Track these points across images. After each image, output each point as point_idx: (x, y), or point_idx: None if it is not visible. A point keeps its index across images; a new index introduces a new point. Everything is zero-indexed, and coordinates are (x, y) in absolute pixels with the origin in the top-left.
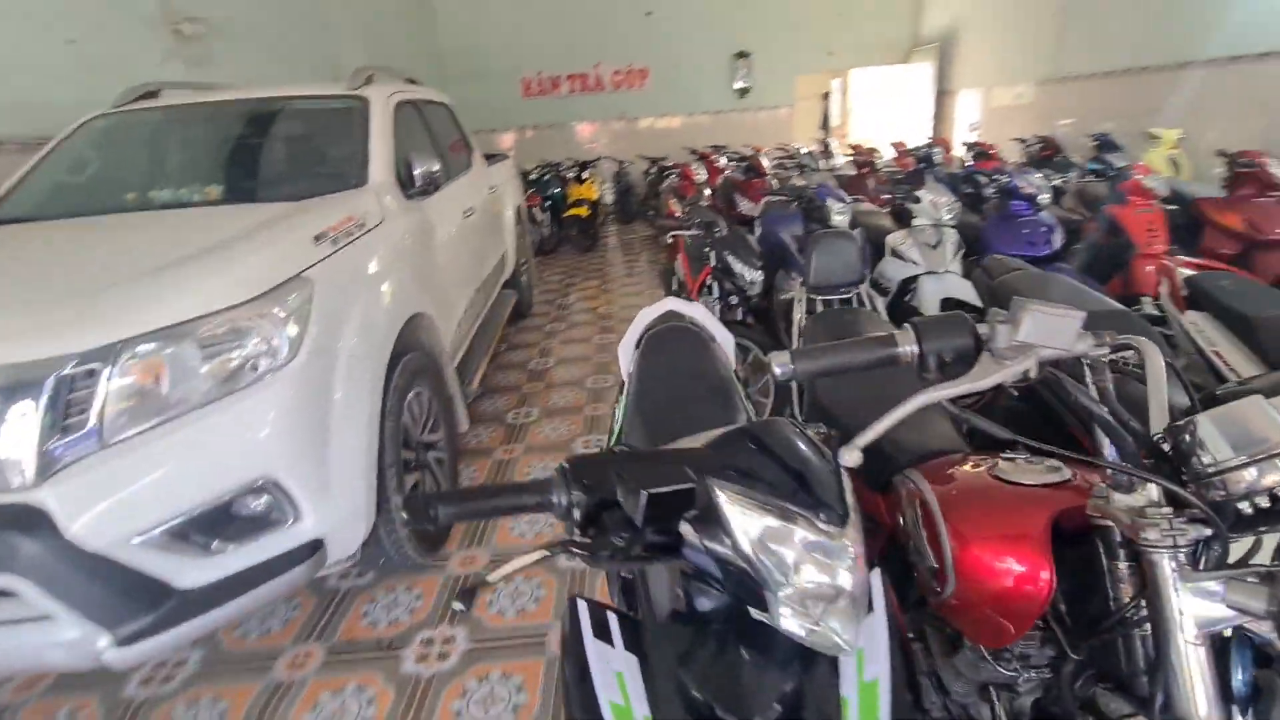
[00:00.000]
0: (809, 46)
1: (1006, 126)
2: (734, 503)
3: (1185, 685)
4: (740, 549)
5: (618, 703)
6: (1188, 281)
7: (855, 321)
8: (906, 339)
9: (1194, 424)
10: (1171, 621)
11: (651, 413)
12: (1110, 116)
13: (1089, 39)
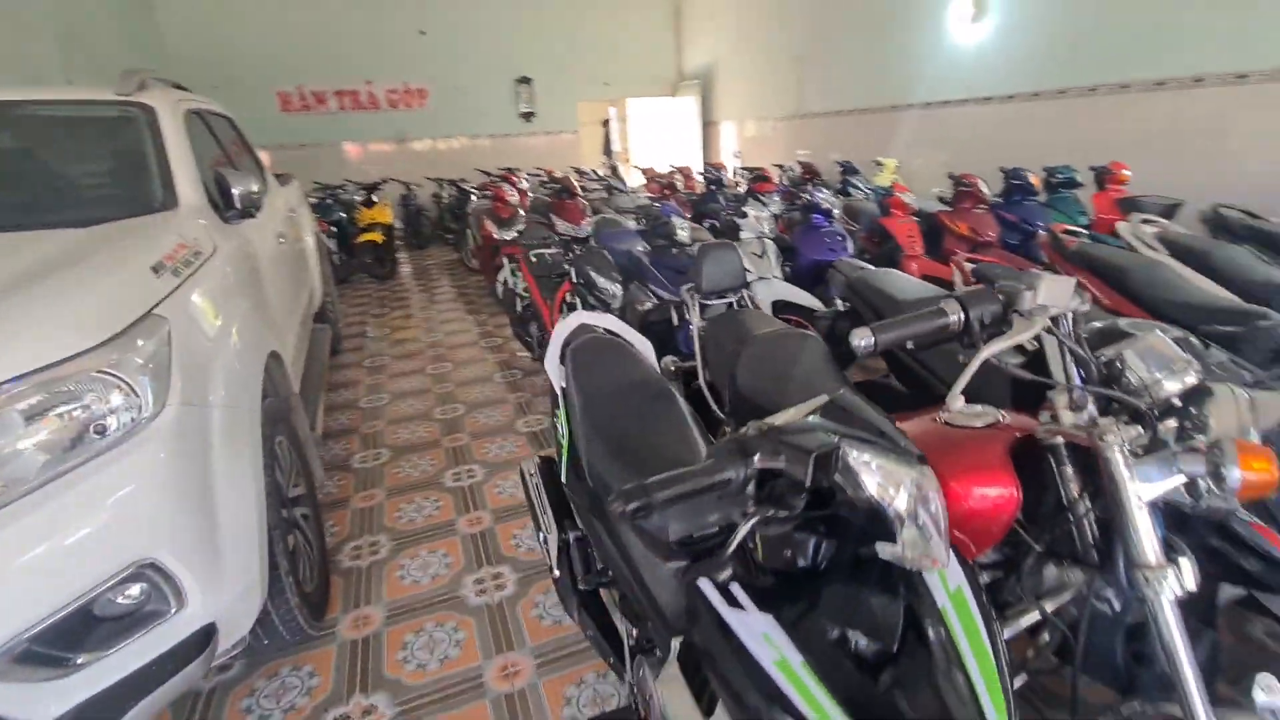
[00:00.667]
0: (587, 76)
1: (762, 153)
2: (863, 458)
3: (1140, 541)
4: (873, 495)
5: (776, 658)
6: (974, 271)
7: (749, 321)
8: (953, 308)
9: (1123, 355)
10: (1127, 495)
11: (606, 421)
12: (843, 147)
13: (822, 84)
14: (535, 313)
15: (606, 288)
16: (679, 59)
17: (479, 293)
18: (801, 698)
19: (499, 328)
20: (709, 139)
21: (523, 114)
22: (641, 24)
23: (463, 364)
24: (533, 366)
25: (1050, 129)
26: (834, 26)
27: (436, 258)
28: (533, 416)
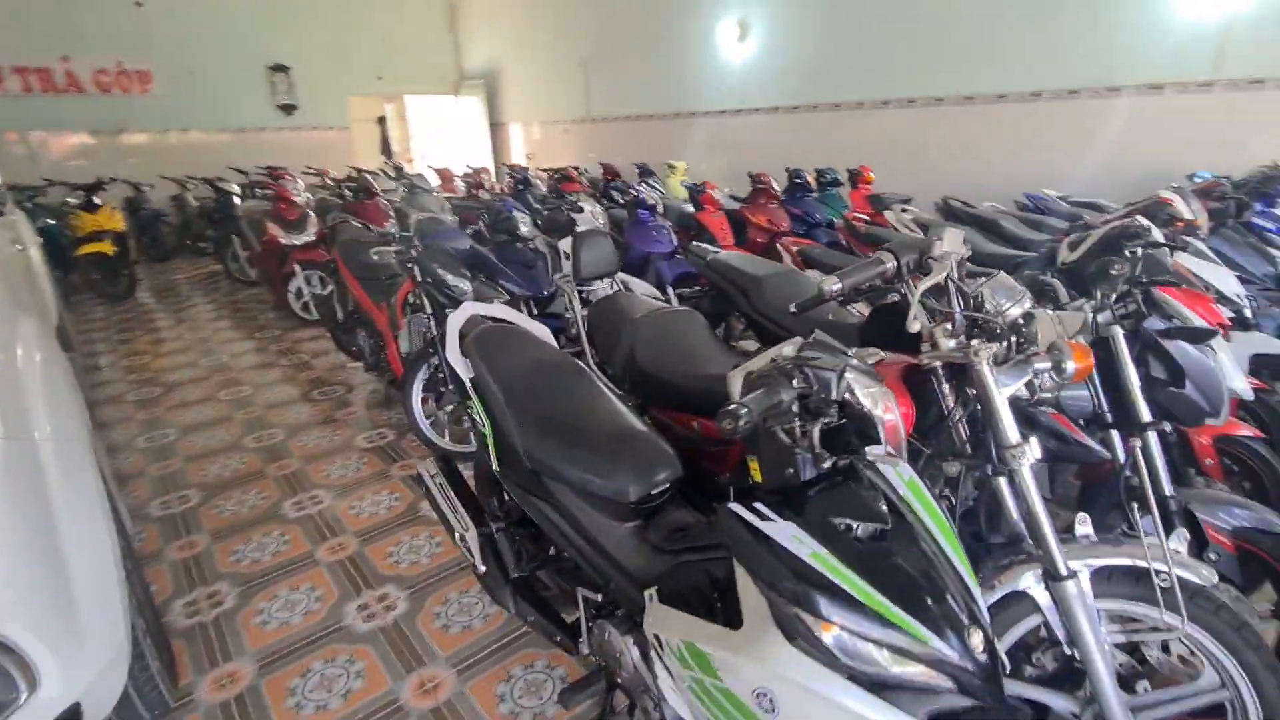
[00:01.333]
0: (358, 68)
1: (552, 156)
2: (859, 378)
3: (1005, 428)
4: (866, 405)
5: (809, 553)
6: (800, 252)
7: (631, 303)
8: (888, 258)
9: (982, 291)
10: (994, 395)
11: (534, 403)
12: (631, 150)
13: (609, 90)
14: (363, 319)
15: (456, 285)
16: (458, 58)
17: (260, 307)
18: (837, 577)
19: (298, 343)
20: (498, 141)
21: (281, 106)
22: (415, 18)
23: (266, 386)
24: (363, 379)
25: (809, 137)
26: (616, 35)
27: (186, 271)
28: (374, 430)
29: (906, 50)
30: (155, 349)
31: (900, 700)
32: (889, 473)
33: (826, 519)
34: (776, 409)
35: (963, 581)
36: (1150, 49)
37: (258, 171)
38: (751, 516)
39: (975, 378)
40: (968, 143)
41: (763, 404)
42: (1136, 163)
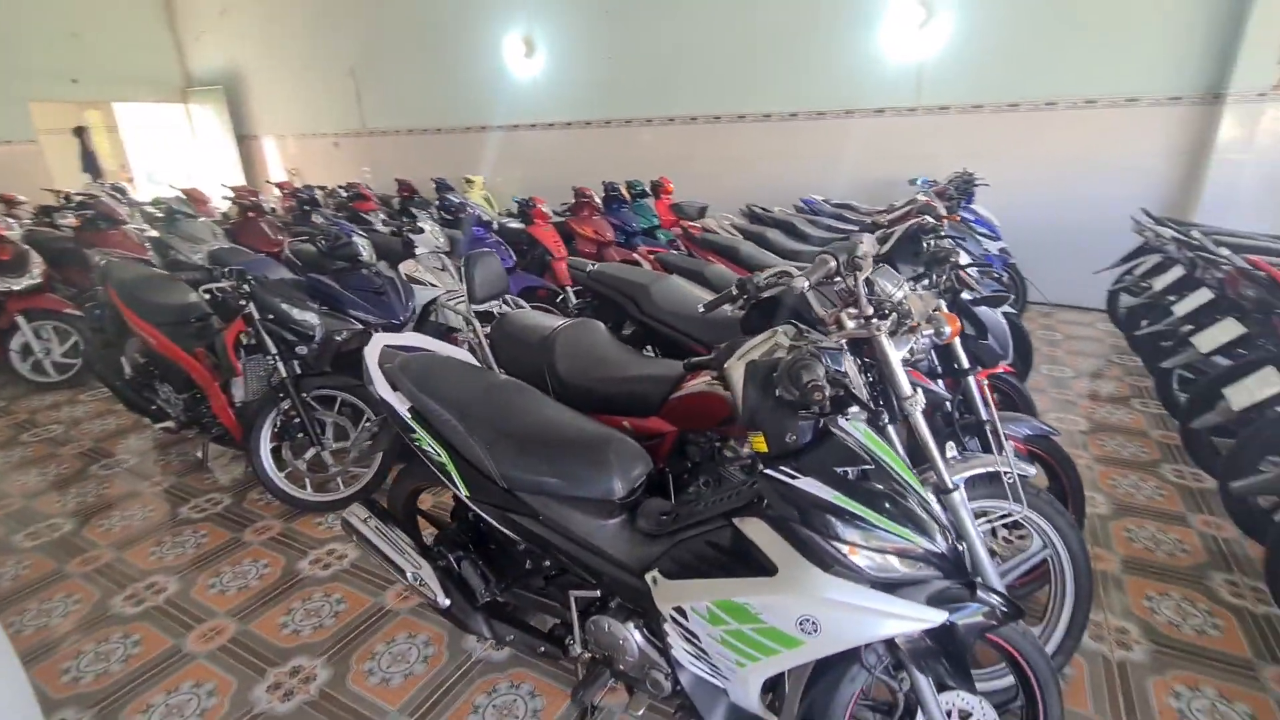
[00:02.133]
0: (42, 69)
1: (322, 172)
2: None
3: (901, 383)
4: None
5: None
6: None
7: (532, 319)
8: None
9: (874, 280)
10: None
11: (497, 422)
12: (418, 165)
13: (387, 102)
14: (168, 370)
15: (304, 319)
16: (183, 60)
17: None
18: (856, 510)
19: (39, 412)
20: (248, 156)
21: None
22: (117, 13)
23: (21, 469)
24: (164, 440)
25: (603, 151)
26: (390, 44)
27: None
28: (202, 498)
29: (687, 73)
30: None
31: (907, 593)
32: (856, 429)
33: (830, 469)
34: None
35: (922, 498)
36: (873, 81)
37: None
38: (787, 479)
39: (876, 348)
40: (744, 156)
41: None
42: (871, 171)
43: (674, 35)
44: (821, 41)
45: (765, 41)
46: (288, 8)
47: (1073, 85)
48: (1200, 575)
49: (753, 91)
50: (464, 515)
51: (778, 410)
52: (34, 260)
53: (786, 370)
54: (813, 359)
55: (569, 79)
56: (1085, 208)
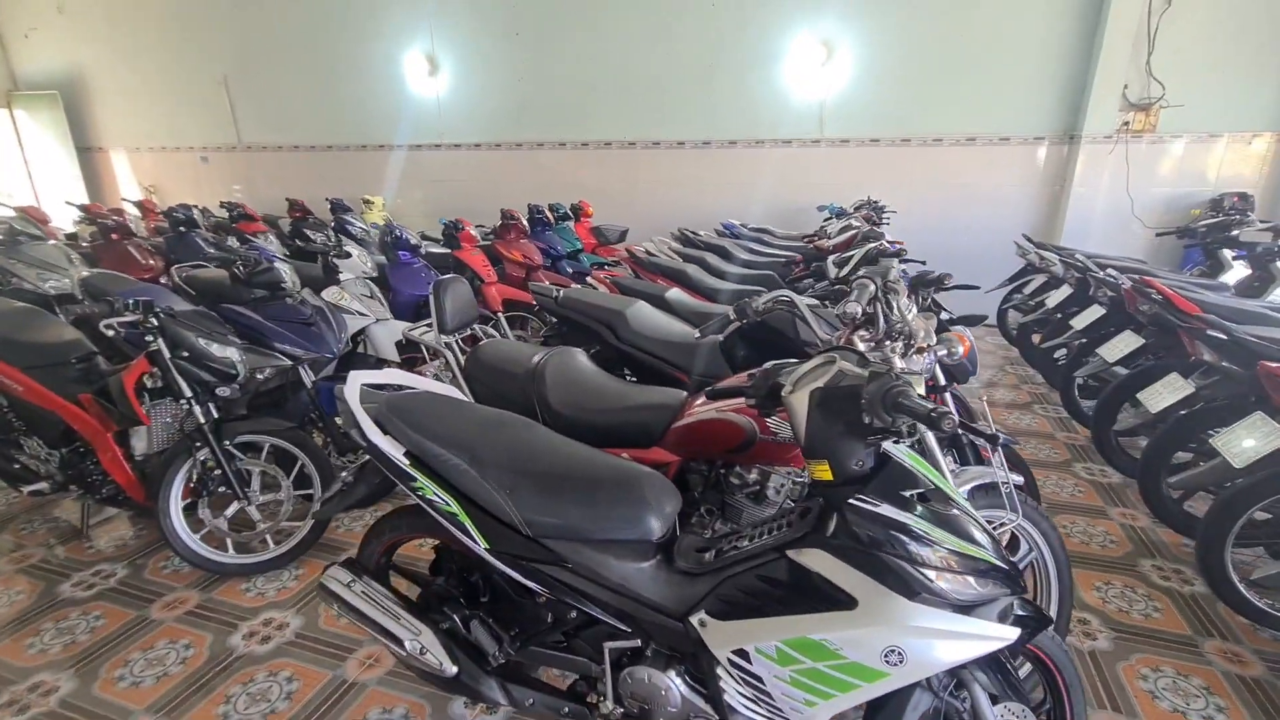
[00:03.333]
0: None
1: (188, 190)
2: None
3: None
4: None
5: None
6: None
7: (511, 349)
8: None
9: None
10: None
11: (514, 466)
12: (306, 185)
13: (265, 115)
14: (40, 423)
15: (225, 356)
16: (7, 58)
17: None
18: (933, 534)
19: None
20: (93, 169)
21: None
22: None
23: None
24: (19, 506)
25: (514, 174)
26: (269, 54)
27: None
28: (90, 571)
29: (601, 98)
30: None
31: (982, 612)
32: (904, 451)
33: (898, 494)
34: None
35: (974, 515)
36: (781, 113)
37: None
38: (869, 505)
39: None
40: (659, 181)
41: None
42: (782, 197)
43: (587, 61)
44: (733, 74)
45: (679, 72)
46: (140, 9)
47: (956, 124)
48: (1132, 563)
49: (667, 119)
50: (452, 568)
51: (845, 437)
52: None
53: (879, 398)
54: (907, 385)
55: (476, 100)
56: (969, 233)
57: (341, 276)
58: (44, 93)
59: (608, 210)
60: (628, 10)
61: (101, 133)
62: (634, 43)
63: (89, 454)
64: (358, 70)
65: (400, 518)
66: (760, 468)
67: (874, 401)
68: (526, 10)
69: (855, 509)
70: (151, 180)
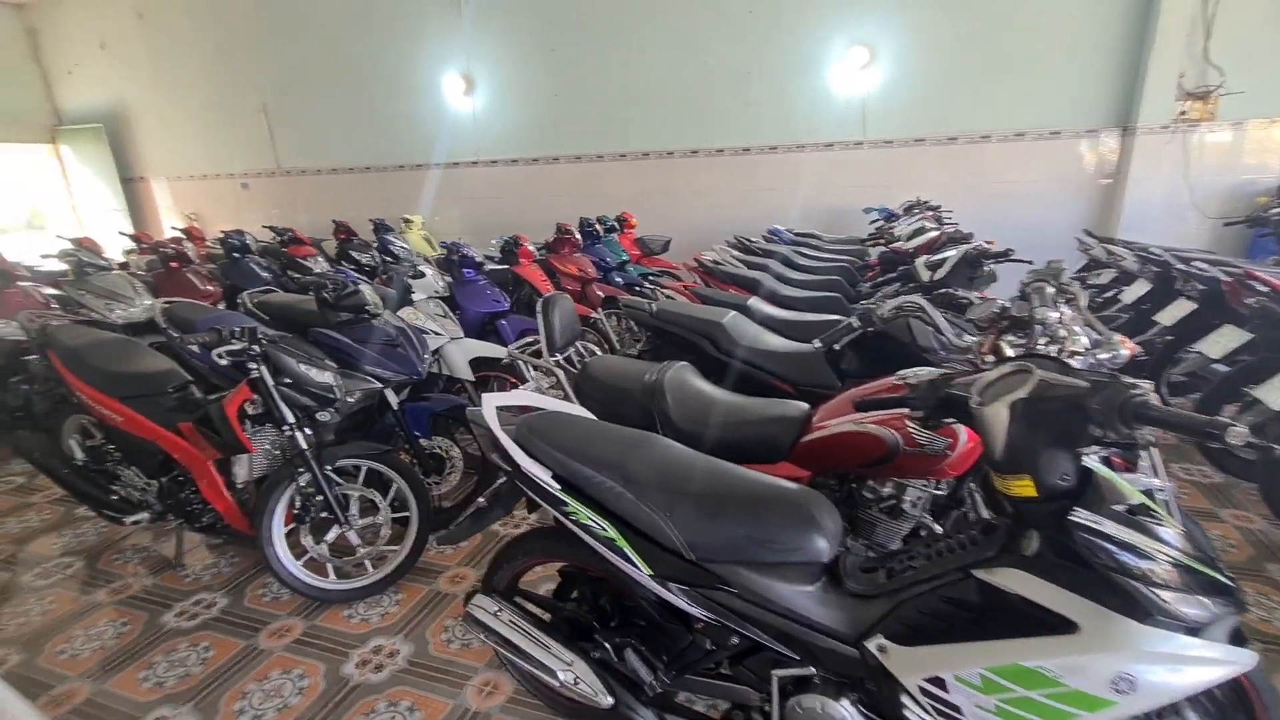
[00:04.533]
0: None
1: (230, 216)
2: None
3: None
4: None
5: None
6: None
7: (621, 365)
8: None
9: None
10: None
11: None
12: (344, 206)
13: (303, 140)
14: (137, 452)
15: (324, 381)
16: (51, 95)
17: None
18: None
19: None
20: (136, 199)
21: None
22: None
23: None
24: (113, 534)
25: (552, 187)
26: (308, 80)
27: None
28: (190, 601)
29: (638, 110)
30: None
31: (1211, 634)
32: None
33: (1112, 509)
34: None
35: (1181, 524)
36: (821, 116)
37: None
38: (1092, 523)
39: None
40: (698, 190)
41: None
42: (824, 201)
43: (623, 73)
44: (771, 80)
45: (716, 79)
46: (181, 42)
47: (1004, 119)
48: (1258, 568)
49: (705, 127)
50: (584, 593)
51: (1051, 450)
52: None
53: (1115, 409)
54: (1146, 394)
55: (512, 116)
56: (1021, 229)
57: (415, 296)
58: (88, 126)
59: (649, 221)
60: (662, 21)
61: (144, 163)
62: (669, 52)
63: (188, 482)
64: (395, 91)
65: (533, 541)
66: (895, 481)
67: (1108, 412)
68: (561, 27)
69: (1074, 526)
70: (193, 207)
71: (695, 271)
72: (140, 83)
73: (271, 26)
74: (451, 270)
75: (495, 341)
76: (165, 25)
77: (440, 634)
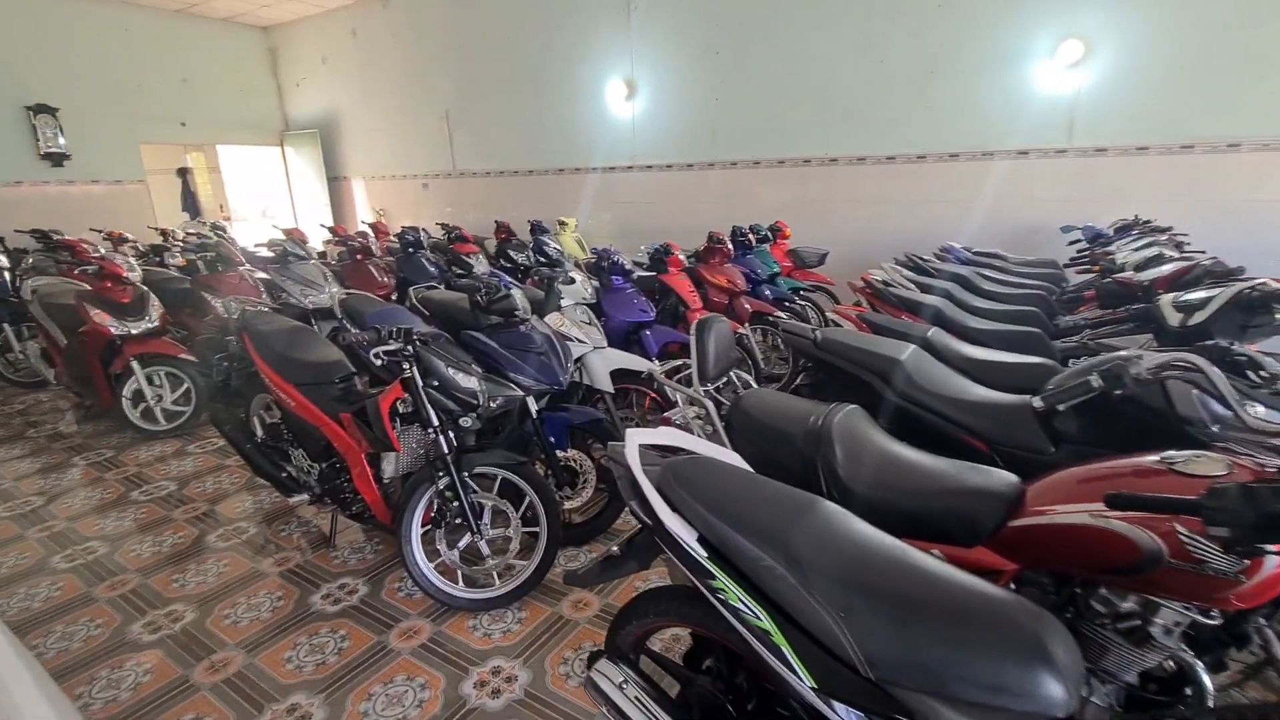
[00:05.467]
0: (153, 113)
1: (408, 213)
2: None
3: None
4: None
5: None
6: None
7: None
8: None
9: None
10: None
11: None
12: (504, 208)
13: (477, 144)
14: (306, 437)
15: (468, 386)
16: (283, 104)
17: (59, 417)
18: None
19: (149, 467)
20: (338, 196)
21: (47, 155)
22: (226, 60)
23: (135, 535)
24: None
25: (706, 194)
26: (484, 88)
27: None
28: (337, 584)
29: (799, 114)
30: None
31: None
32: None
33: None
34: None
35: None
36: (1014, 120)
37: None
38: None
39: None
40: (863, 198)
41: None
42: (1009, 217)
43: (788, 76)
44: (956, 80)
45: (893, 81)
46: (387, 55)
47: (1258, 124)
48: None
49: (875, 133)
50: (720, 668)
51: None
52: (153, 303)
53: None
54: None
55: (670, 121)
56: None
57: (563, 302)
58: (307, 131)
59: (802, 231)
60: (836, 19)
61: (346, 164)
62: (841, 53)
63: (343, 470)
64: (560, 98)
65: (667, 602)
66: (1144, 597)
67: None
68: (727, 30)
69: None
70: (381, 204)
71: (862, 293)
72: (350, 93)
73: (458, 39)
74: (600, 276)
75: (638, 353)
76: (373, 41)
77: (559, 665)
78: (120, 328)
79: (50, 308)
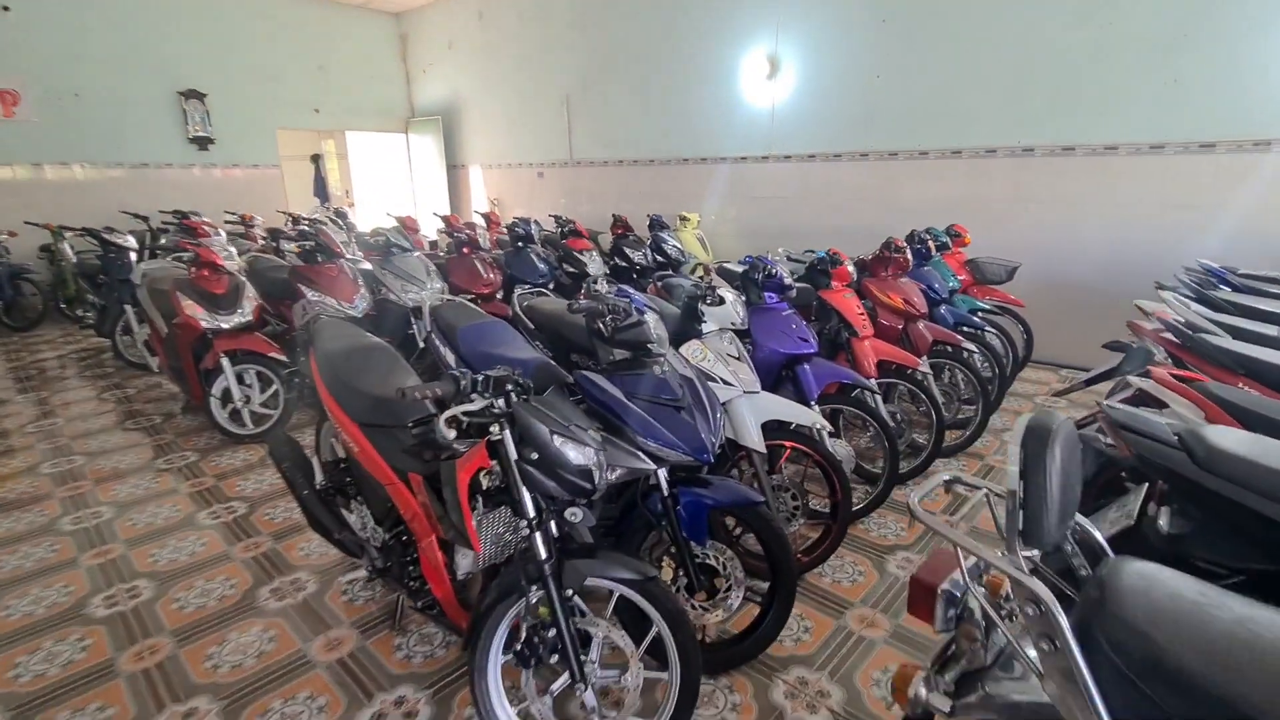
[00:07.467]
0: (290, 98)
1: (524, 203)
2: None
3: None
4: None
5: None
6: (1214, 399)
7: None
8: None
9: None
10: None
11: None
12: (621, 199)
13: (596, 131)
14: (366, 486)
15: (580, 464)
16: (410, 91)
17: (158, 406)
18: None
19: (227, 477)
20: (456, 184)
21: (194, 139)
22: (359, 47)
23: (194, 571)
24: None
25: (854, 189)
26: (607, 72)
27: (59, 346)
28: (393, 697)
29: (986, 95)
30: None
31: None
32: None
33: None
34: None
35: None
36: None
37: (165, 218)
38: None
39: None
40: (1068, 199)
41: None
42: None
43: (974, 48)
44: (1216, 46)
45: (1119, 53)
46: (511, 38)
47: None
48: None
49: (1090, 116)
50: None
51: None
52: (247, 294)
53: None
54: None
55: (818, 104)
56: None
57: (705, 327)
58: (430, 118)
59: (983, 238)
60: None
61: (465, 151)
62: (1050, 17)
63: (411, 546)
64: (690, 78)
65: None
66: None
67: None
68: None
69: None
70: (496, 193)
71: (1156, 338)
72: (472, 78)
73: (583, 16)
74: (749, 291)
75: (790, 395)
76: (499, 23)
77: None
78: (211, 321)
79: (154, 294)
